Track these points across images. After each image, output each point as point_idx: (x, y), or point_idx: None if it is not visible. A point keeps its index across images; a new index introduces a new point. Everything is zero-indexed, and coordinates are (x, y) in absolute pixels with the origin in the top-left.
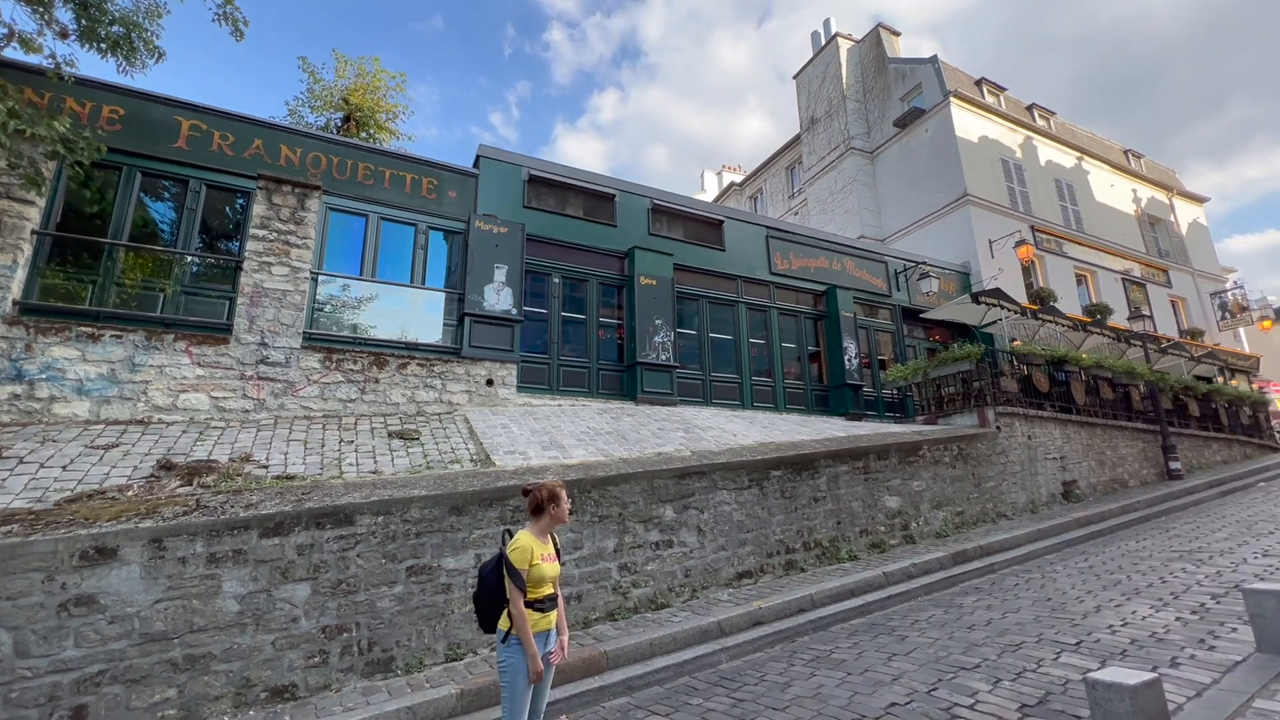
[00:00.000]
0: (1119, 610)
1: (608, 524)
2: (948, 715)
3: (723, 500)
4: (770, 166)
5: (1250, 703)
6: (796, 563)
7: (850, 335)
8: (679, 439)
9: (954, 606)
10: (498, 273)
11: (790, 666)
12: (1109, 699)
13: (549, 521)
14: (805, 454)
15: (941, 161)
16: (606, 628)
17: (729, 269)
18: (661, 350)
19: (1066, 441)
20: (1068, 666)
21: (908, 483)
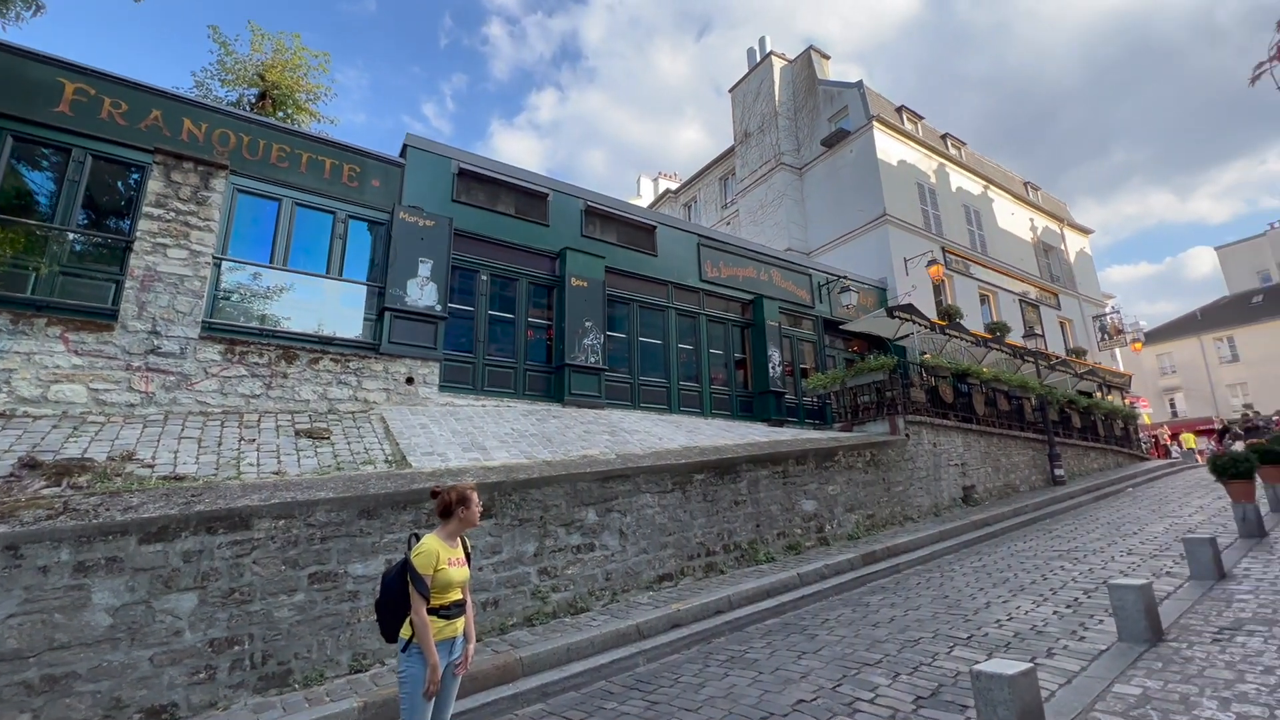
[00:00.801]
0: (1006, 606)
1: (528, 527)
2: (850, 710)
3: (646, 503)
4: (705, 176)
5: (1110, 687)
6: (716, 565)
7: (775, 344)
8: (604, 442)
9: (862, 605)
10: (422, 267)
11: (705, 667)
12: (990, 689)
13: (458, 525)
14: (728, 458)
15: (864, 182)
16: (523, 633)
17: (661, 274)
18: (591, 353)
19: (967, 449)
20: (959, 659)
21: (824, 487)
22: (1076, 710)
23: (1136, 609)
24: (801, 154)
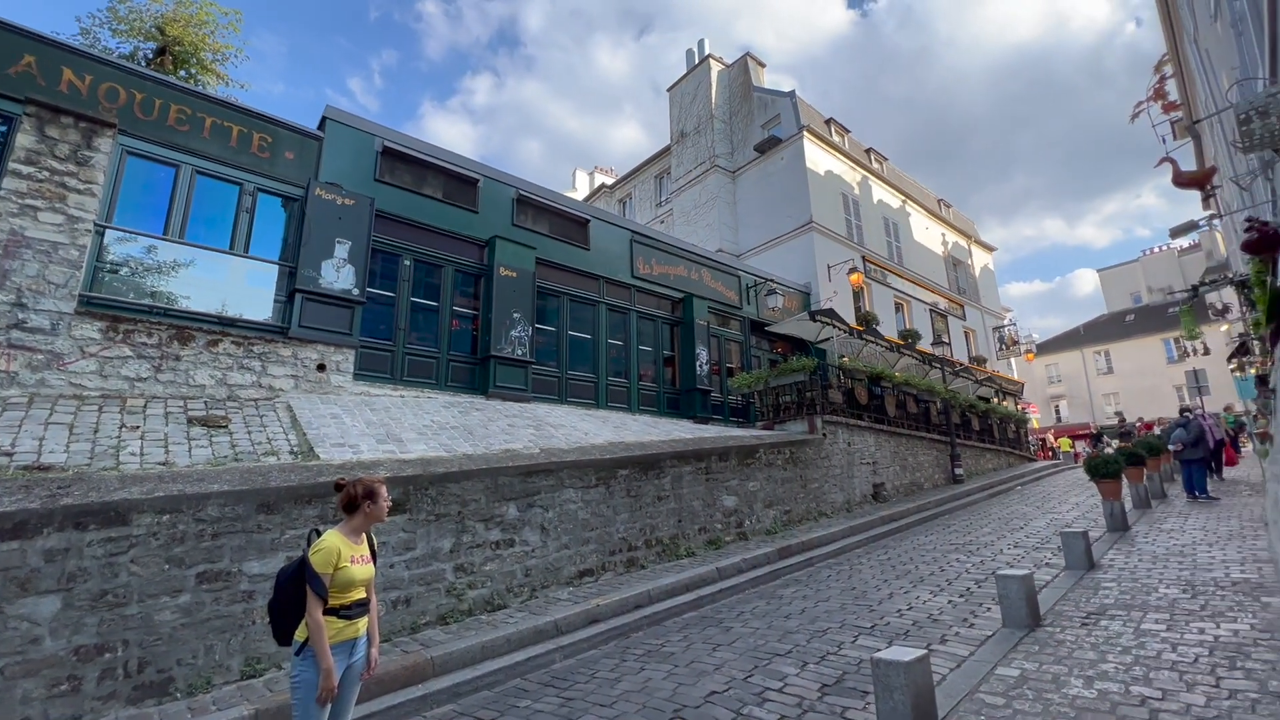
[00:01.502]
0: (907, 596)
1: (445, 523)
2: (759, 700)
3: (569, 499)
4: (641, 173)
5: (994, 670)
6: (638, 560)
7: (703, 342)
8: (529, 436)
9: (775, 598)
10: (339, 248)
11: (622, 662)
12: (888, 676)
13: (364, 520)
14: (652, 454)
15: (793, 189)
16: (436, 632)
17: (592, 269)
18: (518, 345)
19: (879, 448)
20: (862, 648)
21: (744, 483)
22: (964, 692)
23: (1019, 597)
24: (735, 158)
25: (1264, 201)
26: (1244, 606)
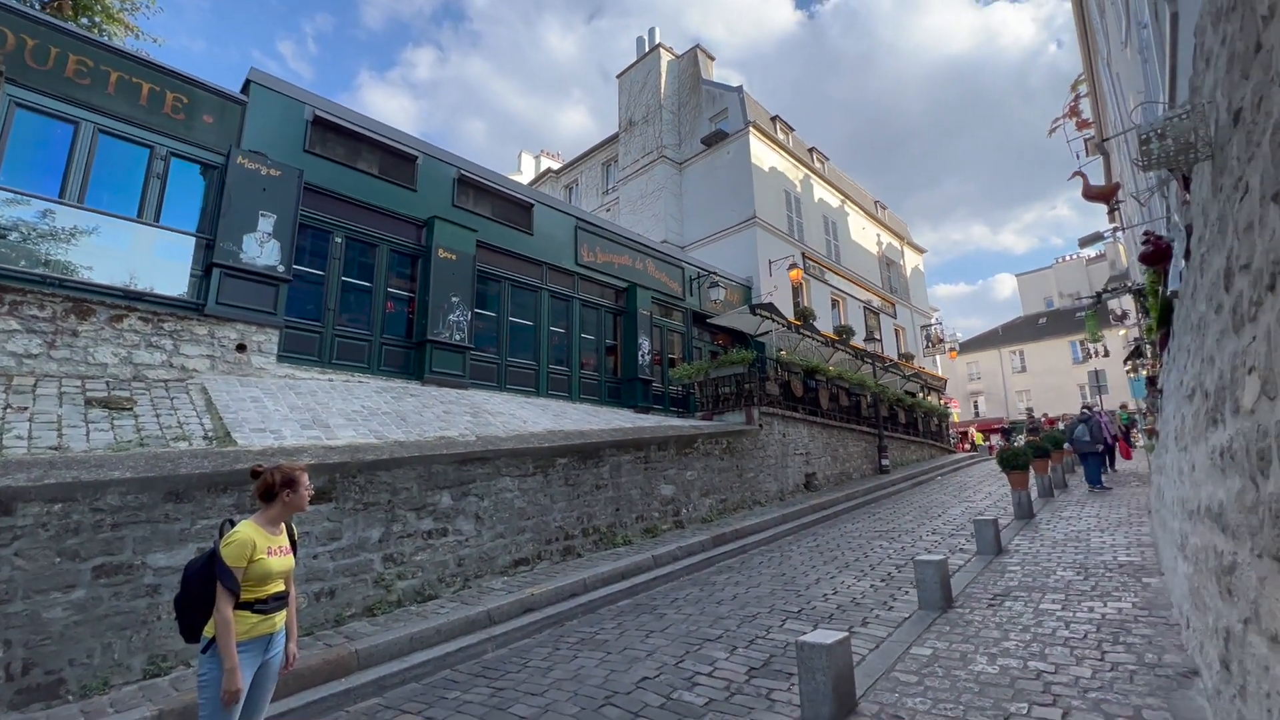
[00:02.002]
0: (833, 581)
1: (374, 512)
2: (689, 684)
3: (506, 487)
4: (588, 159)
5: (909, 650)
6: (575, 549)
7: (646, 332)
8: (465, 423)
9: (709, 584)
10: (263, 221)
11: (555, 650)
12: (811, 657)
13: (282, 509)
14: (592, 443)
15: (737, 184)
16: (363, 624)
17: (536, 254)
18: (456, 329)
19: (812, 440)
20: (790, 631)
21: (682, 472)
22: (880, 671)
23: (934, 581)
24: (683, 149)
25: (1159, 217)
26: (1128, 587)
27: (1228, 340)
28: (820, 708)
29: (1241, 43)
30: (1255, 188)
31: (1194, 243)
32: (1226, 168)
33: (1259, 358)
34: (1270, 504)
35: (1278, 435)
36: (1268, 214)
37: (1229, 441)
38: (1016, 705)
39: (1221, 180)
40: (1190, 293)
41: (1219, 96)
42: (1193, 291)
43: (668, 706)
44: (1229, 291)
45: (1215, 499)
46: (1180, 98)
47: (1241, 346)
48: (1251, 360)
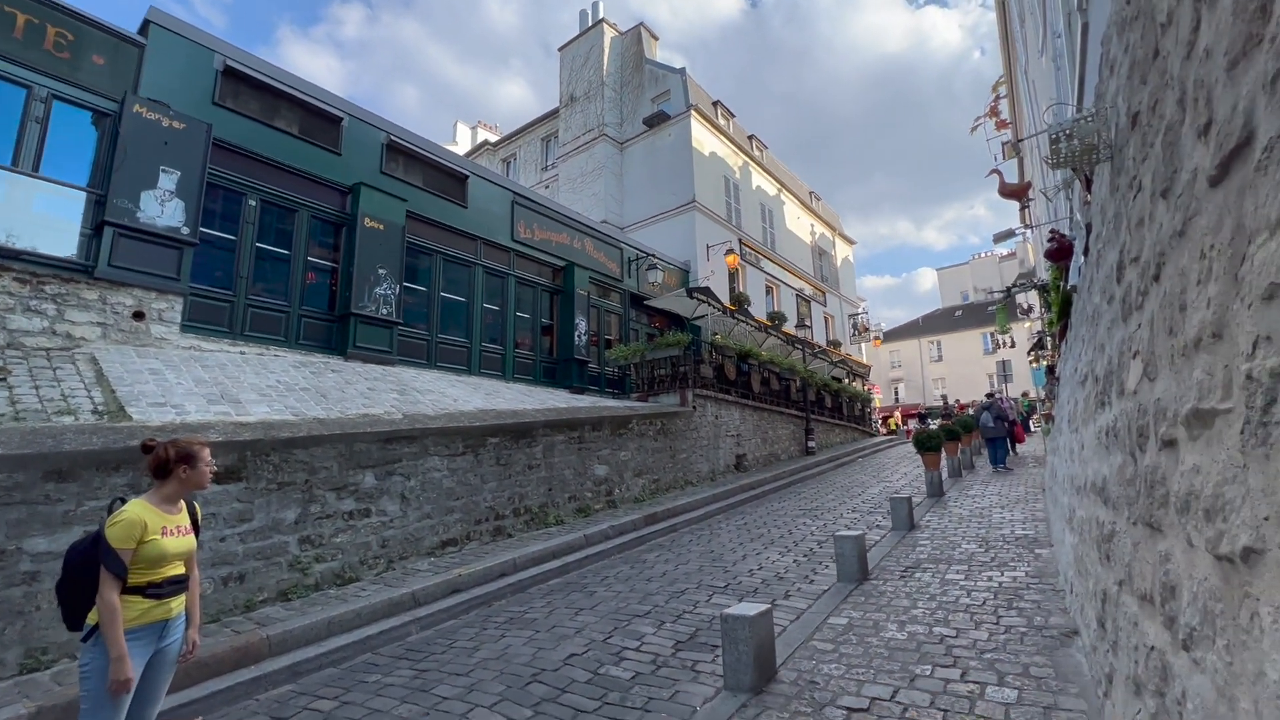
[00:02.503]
0: (759, 557)
1: (290, 492)
2: (617, 659)
3: (434, 466)
4: (527, 133)
5: (827, 620)
6: (505, 529)
7: (583, 313)
8: (391, 400)
9: (639, 562)
10: (165, 178)
11: (482, 630)
12: (734, 629)
13: (179, 487)
14: (525, 422)
15: (678, 167)
16: (276, 609)
17: (470, 228)
18: (383, 303)
19: (743, 422)
20: (716, 606)
21: (616, 453)
22: (800, 641)
23: (852, 555)
24: (624, 129)
25: (1063, 217)
26: (1022, 558)
27: (1117, 329)
28: (742, 676)
29: (1142, 50)
30: (1147, 185)
31: (1092, 240)
32: (1124, 168)
33: (1143, 343)
34: (1146, 476)
35: (1155, 413)
36: (1157, 209)
37: (1114, 421)
38: (921, 667)
39: (1118, 180)
40: (1087, 286)
41: (1120, 101)
42: (1089, 285)
43: (594, 681)
44: (1120, 283)
45: (1100, 475)
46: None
47: (1128, 333)
48: (1136, 345)
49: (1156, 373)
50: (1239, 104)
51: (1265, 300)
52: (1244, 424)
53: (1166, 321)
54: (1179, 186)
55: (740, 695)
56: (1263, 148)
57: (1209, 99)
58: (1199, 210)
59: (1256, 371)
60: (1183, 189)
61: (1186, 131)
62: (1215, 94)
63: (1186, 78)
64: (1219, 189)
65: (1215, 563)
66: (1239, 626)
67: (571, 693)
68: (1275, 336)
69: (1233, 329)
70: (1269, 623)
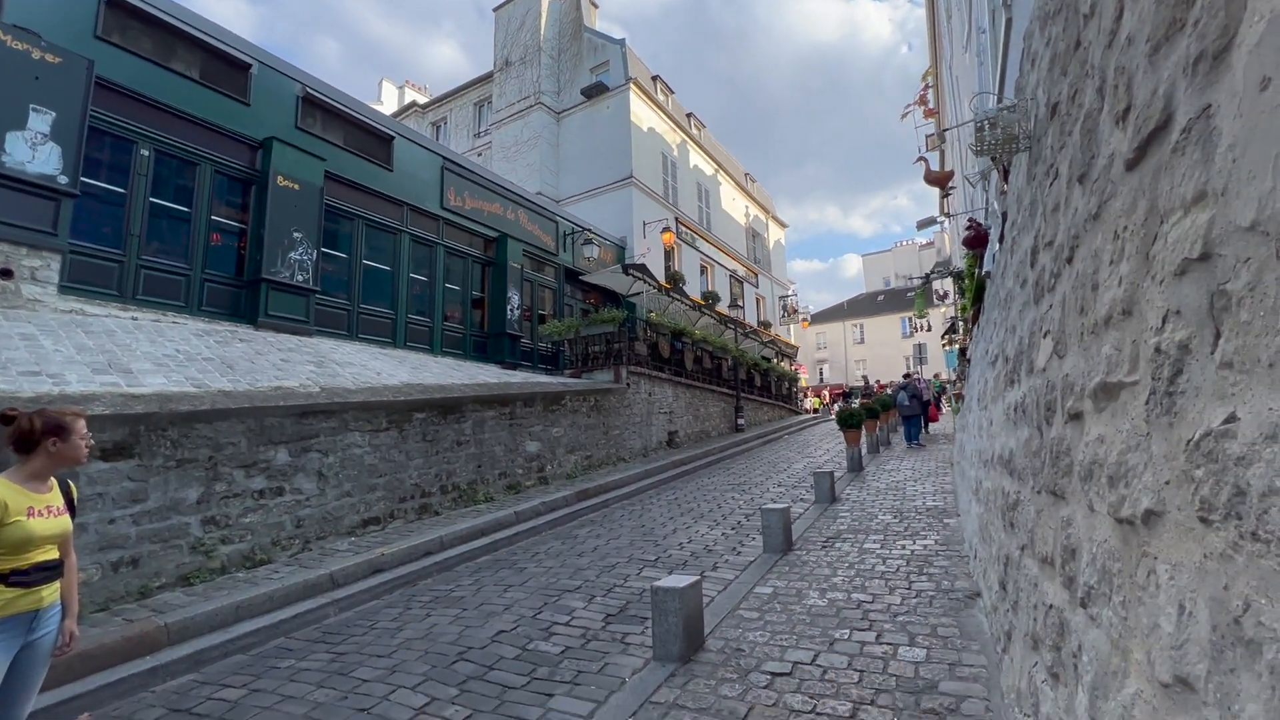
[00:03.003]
0: (688, 531)
1: (191, 469)
2: (546, 634)
3: (355, 443)
4: (459, 97)
5: (753, 589)
6: (431, 506)
7: (516, 286)
8: (308, 373)
9: (571, 538)
10: (36, 118)
11: (406, 611)
12: (664, 601)
13: (47, 462)
14: (454, 397)
15: (616, 141)
16: (176, 595)
17: (396, 193)
18: (299, 269)
19: (676, 399)
20: (646, 579)
21: (549, 429)
22: (727, 610)
23: (778, 527)
24: (561, 98)
25: (979, 208)
26: (933, 527)
27: (1029, 311)
28: (671, 646)
29: (1064, 42)
30: (1064, 173)
31: (1008, 228)
32: (1041, 157)
33: (1053, 322)
34: (1052, 447)
35: (1063, 389)
36: (1073, 194)
37: (1022, 398)
38: (840, 632)
39: (1035, 169)
40: (1001, 272)
41: (1040, 93)
42: (1003, 271)
43: (523, 657)
44: (1034, 267)
45: (1008, 448)
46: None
47: (1040, 314)
48: (1047, 325)
49: (1066, 350)
50: (1159, 88)
51: (1177, 276)
52: (1149, 395)
53: (1078, 301)
54: (1095, 171)
55: (669, 665)
56: (1181, 129)
57: (1129, 85)
58: (1114, 193)
59: (1165, 344)
60: (1099, 174)
61: (1105, 118)
62: (1136, 80)
63: (1107, 66)
64: (1135, 172)
65: (1116, 525)
66: (1135, 584)
67: (500, 669)
68: (1185, 311)
69: (1143, 305)
70: (1165, 579)
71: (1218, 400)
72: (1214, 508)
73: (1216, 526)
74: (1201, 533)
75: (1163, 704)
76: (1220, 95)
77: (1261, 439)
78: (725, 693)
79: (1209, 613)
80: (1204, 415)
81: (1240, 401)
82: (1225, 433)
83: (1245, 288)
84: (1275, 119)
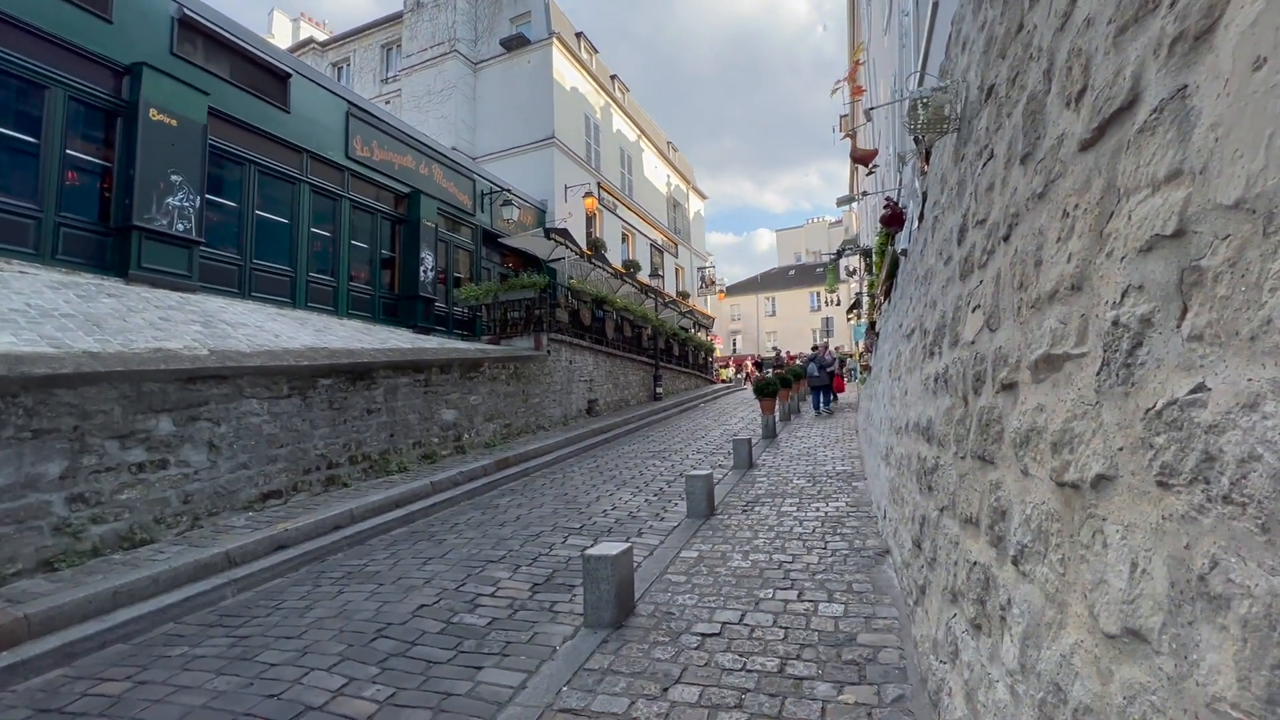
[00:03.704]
0: (612, 498)
1: (51, 441)
2: (471, 607)
3: (251, 410)
4: (364, 37)
5: (679, 554)
6: (340, 478)
7: (430, 246)
8: (193, 334)
9: (492, 508)
10: None
11: (316, 588)
12: (597, 568)
13: None
14: (364, 363)
15: (537, 98)
16: (37, 582)
17: (294, 138)
18: (179, 217)
19: (596, 367)
20: (572, 547)
21: (466, 397)
22: (655, 575)
23: (701, 493)
24: (479, 48)
25: (891, 189)
26: (843, 490)
27: (953, 287)
28: (603, 613)
29: (1003, 25)
30: (1001, 153)
31: (928, 207)
32: (973, 138)
33: (985, 298)
34: (980, 415)
35: (995, 361)
36: (1012, 174)
37: (945, 369)
38: (765, 591)
39: (965, 150)
40: (920, 250)
41: (971, 76)
42: (922, 248)
43: (448, 631)
44: (961, 245)
45: (925, 416)
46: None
47: (968, 290)
48: (977, 300)
49: (999, 324)
50: (1125, 70)
51: (1142, 252)
52: (1101, 366)
53: (1016, 277)
54: (1041, 152)
55: (601, 631)
56: (1151, 109)
57: (1086, 67)
58: (1063, 173)
59: (1125, 318)
60: (1045, 154)
61: (1053, 100)
62: (1095, 62)
63: (1058, 49)
64: (1089, 152)
65: (1057, 489)
66: (1078, 543)
67: (423, 645)
68: (1149, 285)
69: (1095, 281)
70: (1116, 539)
71: (1183, 372)
72: (1177, 472)
73: (1178, 490)
74: (1158, 495)
75: (1107, 653)
76: (1200, 76)
77: (1239, 408)
78: (658, 655)
79: (1167, 570)
80: (1166, 385)
81: (1210, 372)
82: (1193, 402)
83: (1224, 264)
84: (1269, 99)
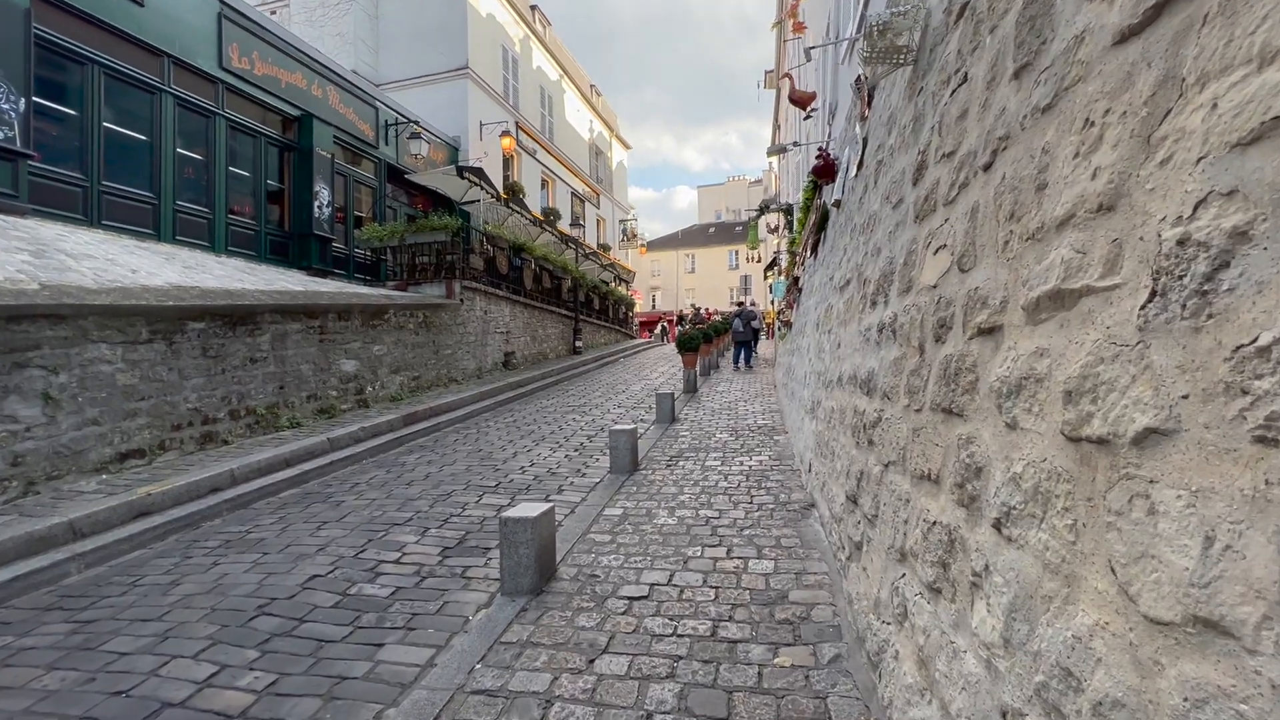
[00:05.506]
0: (530, 454)
1: None
2: (372, 575)
3: (101, 357)
4: None
5: (603, 512)
6: (218, 434)
7: (325, 179)
8: (19, 264)
9: (398, 465)
10: None
11: (186, 560)
12: (515, 532)
13: None
14: (245, 305)
15: (450, 23)
16: None
17: (151, 39)
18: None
19: (513, 319)
20: (487, 506)
21: (369, 346)
22: (578, 535)
23: (625, 448)
24: None
25: (816, 140)
26: (765, 444)
27: (904, 230)
28: (522, 579)
29: None
30: (980, 75)
31: (869, 153)
32: (935, 67)
33: (953, 236)
34: (945, 365)
35: (967, 304)
36: (996, 95)
37: (892, 318)
38: (693, 549)
39: (924, 82)
40: (859, 198)
41: (934, 1)
42: (861, 197)
43: (344, 604)
44: (918, 184)
45: (865, 368)
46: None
47: (930, 230)
48: (941, 240)
49: (975, 263)
50: None
51: (1240, 147)
52: (1152, 297)
53: (1005, 208)
54: (1047, 60)
55: (519, 599)
56: None
57: None
58: (1083, 76)
59: (1203, 234)
60: (1053, 60)
61: None
62: None
63: None
64: (1132, 43)
65: (1067, 444)
66: (1103, 508)
67: (313, 621)
68: (1246, 189)
69: (1137, 197)
70: (1178, 506)
71: None
72: None
73: None
74: (1255, 454)
75: (1152, 642)
76: None
77: None
78: (582, 623)
79: (1275, 550)
80: (1275, 314)
81: None
82: None
83: None
84: None
